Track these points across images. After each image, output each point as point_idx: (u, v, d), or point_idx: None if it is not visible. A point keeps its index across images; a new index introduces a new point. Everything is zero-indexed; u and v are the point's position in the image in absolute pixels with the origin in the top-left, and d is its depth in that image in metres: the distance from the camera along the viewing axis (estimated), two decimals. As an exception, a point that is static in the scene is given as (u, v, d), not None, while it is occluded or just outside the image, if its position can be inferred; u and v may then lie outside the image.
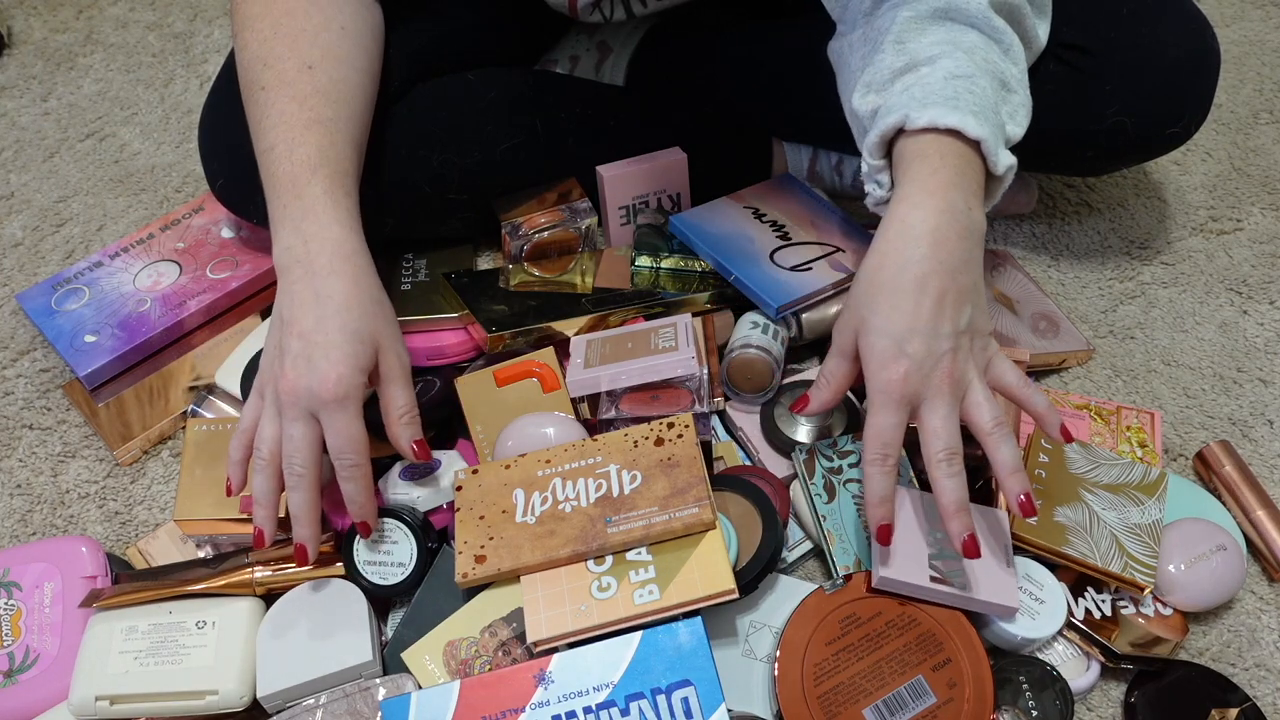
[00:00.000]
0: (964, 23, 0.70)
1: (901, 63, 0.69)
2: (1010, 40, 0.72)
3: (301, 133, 0.71)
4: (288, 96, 0.72)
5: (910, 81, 0.68)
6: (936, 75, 0.67)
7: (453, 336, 0.88)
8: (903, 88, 0.69)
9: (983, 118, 0.66)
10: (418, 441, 0.70)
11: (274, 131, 0.71)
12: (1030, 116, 0.73)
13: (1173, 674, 0.71)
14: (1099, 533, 0.73)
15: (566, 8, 0.93)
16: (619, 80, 1.06)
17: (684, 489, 0.69)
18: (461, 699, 0.61)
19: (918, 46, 0.69)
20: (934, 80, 0.67)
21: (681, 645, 0.62)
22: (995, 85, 0.69)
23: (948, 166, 0.66)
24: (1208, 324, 0.96)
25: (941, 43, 0.69)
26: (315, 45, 0.74)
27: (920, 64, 0.69)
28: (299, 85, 0.72)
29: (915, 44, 0.70)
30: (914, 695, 0.66)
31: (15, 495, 0.85)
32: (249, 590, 0.71)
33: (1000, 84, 0.70)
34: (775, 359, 0.82)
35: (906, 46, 0.70)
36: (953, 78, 0.67)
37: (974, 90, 0.67)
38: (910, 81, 0.68)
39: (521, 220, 0.93)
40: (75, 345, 0.88)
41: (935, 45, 0.69)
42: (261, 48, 0.74)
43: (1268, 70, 1.21)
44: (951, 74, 0.67)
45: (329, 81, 0.73)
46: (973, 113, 0.66)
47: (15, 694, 0.69)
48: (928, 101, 0.66)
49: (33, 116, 1.18)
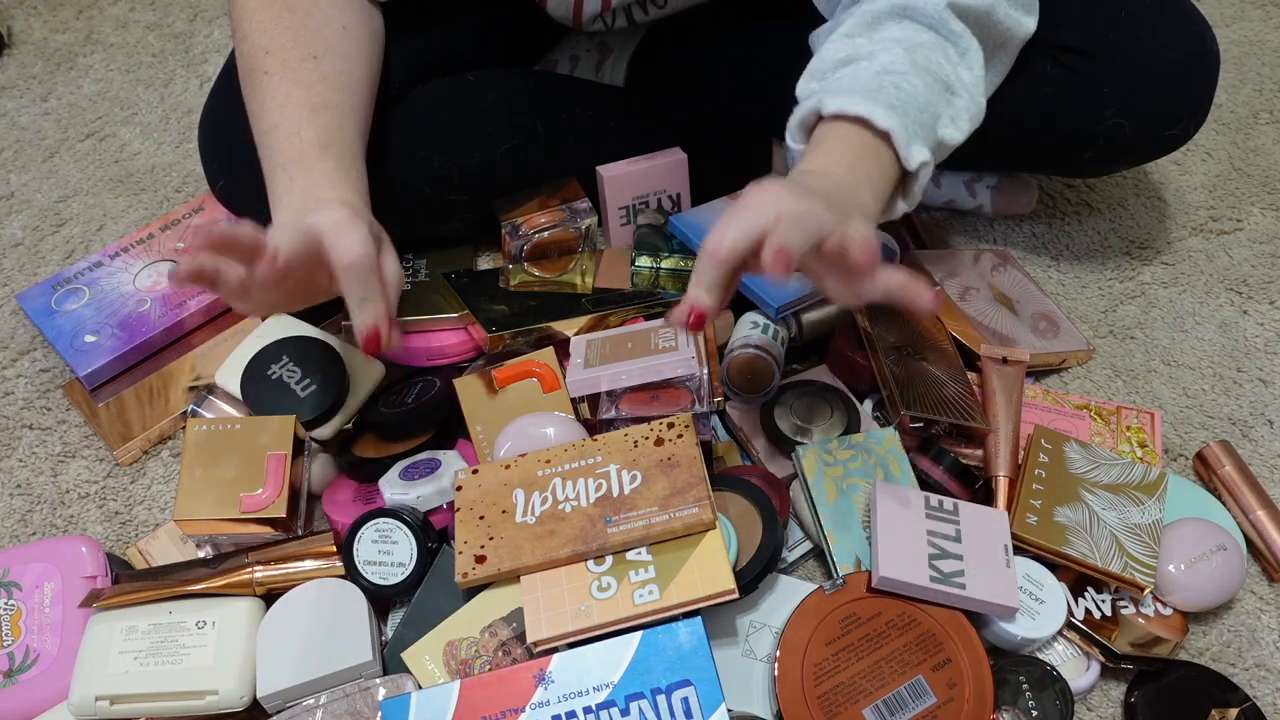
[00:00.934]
0: (921, 22, 0.71)
1: (844, 54, 0.70)
2: (967, 44, 0.72)
3: (309, 114, 0.69)
4: (293, 81, 0.71)
5: (845, 73, 0.69)
6: (870, 69, 0.68)
7: (453, 336, 0.88)
8: (836, 78, 0.69)
9: (899, 111, 0.66)
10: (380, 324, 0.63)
11: (279, 112, 0.70)
12: (976, 122, 0.73)
13: (1173, 674, 0.71)
14: (1099, 533, 0.73)
15: (570, 20, 0.93)
16: (619, 80, 1.06)
17: (684, 489, 0.69)
18: (461, 699, 0.61)
19: (864, 41, 0.70)
20: (864, 74, 0.68)
21: (681, 645, 0.62)
22: (933, 85, 0.69)
23: (847, 149, 0.66)
24: (1208, 324, 0.96)
25: (887, 40, 0.70)
26: (319, 39, 0.74)
27: (860, 58, 0.69)
28: (304, 72, 0.71)
29: (863, 38, 0.70)
30: (914, 695, 0.66)
31: (15, 495, 0.85)
32: (249, 590, 0.72)
33: (943, 86, 0.70)
34: (775, 359, 0.82)
35: (854, 40, 0.70)
36: (884, 73, 0.68)
37: (901, 86, 0.67)
38: (845, 73, 0.69)
39: (521, 220, 0.93)
40: (75, 345, 0.88)
41: (880, 41, 0.70)
42: (263, 36, 0.73)
43: (1268, 70, 1.21)
44: (884, 69, 0.68)
45: (335, 72, 0.73)
46: (887, 105, 0.65)
47: (15, 694, 0.69)
48: (846, 90, 0.67)
49: (33, 116, 1.18)
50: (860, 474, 0.77)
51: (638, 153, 0.95)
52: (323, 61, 0.72)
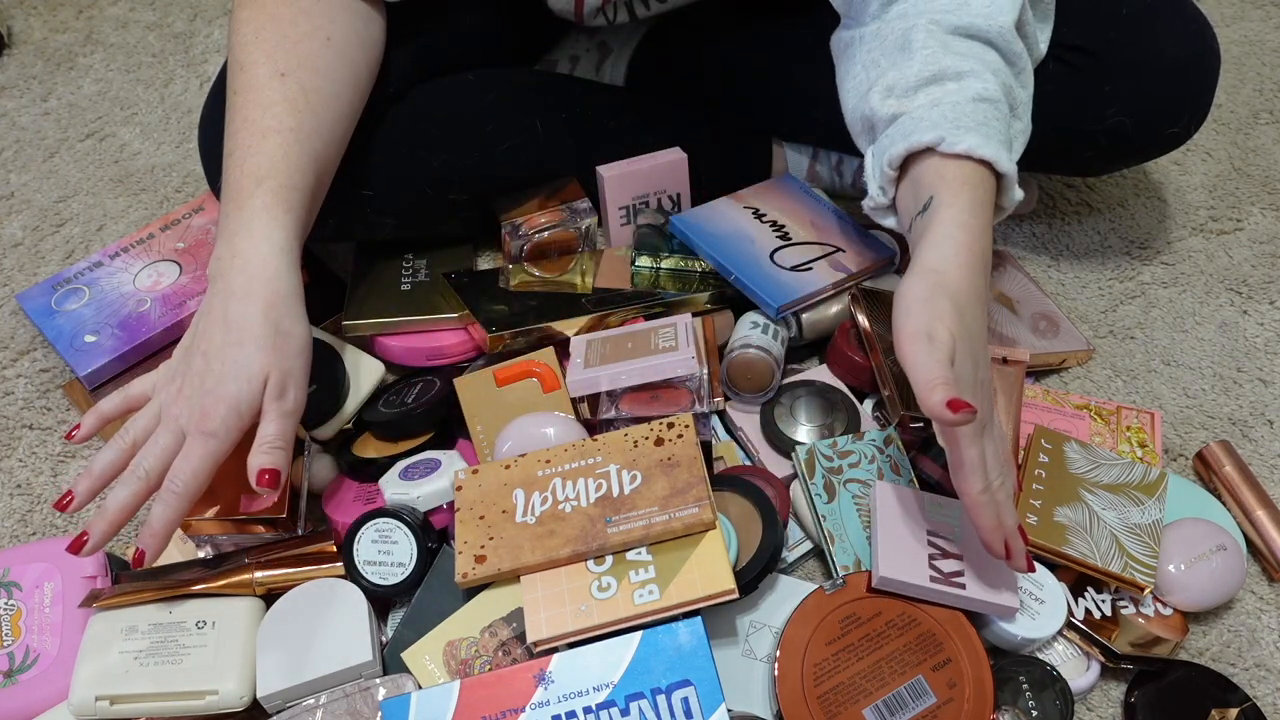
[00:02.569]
0: (984, 41, 0.70)
1: (929, 72, 0.69)
2: (1025, 64, 0.71)
3: (258, 141, 0.71)
4: (253, 102, 0.72)
5: (937, 95, 0.68)
6: (965, 95, 0.67)
7: (453, 336, 0.88)
8: (929, 101, 0.68)
9: (1007, 148, 0.66)
10: (268, 470, 0.65)
11: (235, 137, 0.71)
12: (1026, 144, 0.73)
13: (1173, 674, 0.71)
14: (1099, 533, 0.73)
15: (572, 14, 0.93)
16: (619, 80, 1.06)
17: (684, 489, 0.69)
18: (461, 699, 0.61)
19: (945, 58, 0.68)
20: (962, 100, 0.67)
21: (681, 645, 0.62)
22: (1010, 112, 0.69)
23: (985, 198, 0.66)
24: (1208, 324, 0.96)
25: (969, 57, 0.68)
26: (293, 54, 0.73)
27: (947, 78, 0.68)
28: (266, 92, 0.72)
29: (942, 55, 0.69)
30: (914, 695, 0.66)
31: (15, 495, 0.85)
32: (249, 590, 0.72)
33: (1010, 109, 0.70)
34: (775, 359, 0.82)
35: (934, 56, 0.69)
36: (980, 100, 0.67)
37: (999, 117, 0.67)
38: (937, 95, 0.68)
39: (521, 220, 0.93)
40: (75, 345, 0.88)
41: (963, 60, 0.68)
42: (241, 52, 0.74)
43: (1268, 70, 1.21)
44: (980, 96, 0.67)
45: (299, 90, 0.73)
46: (1002, 144, 0.66)
47: (15, 694, 0.69)
48: (962, 125, 0.65)
49: (33, 116, 1.18)
50: (860, 474, 0.77)
51: (638, 153, 0.95)
52: (289, 80, 0.73)
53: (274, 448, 0.66)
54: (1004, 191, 0.68)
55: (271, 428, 0.67)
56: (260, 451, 0.66)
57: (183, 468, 0.65)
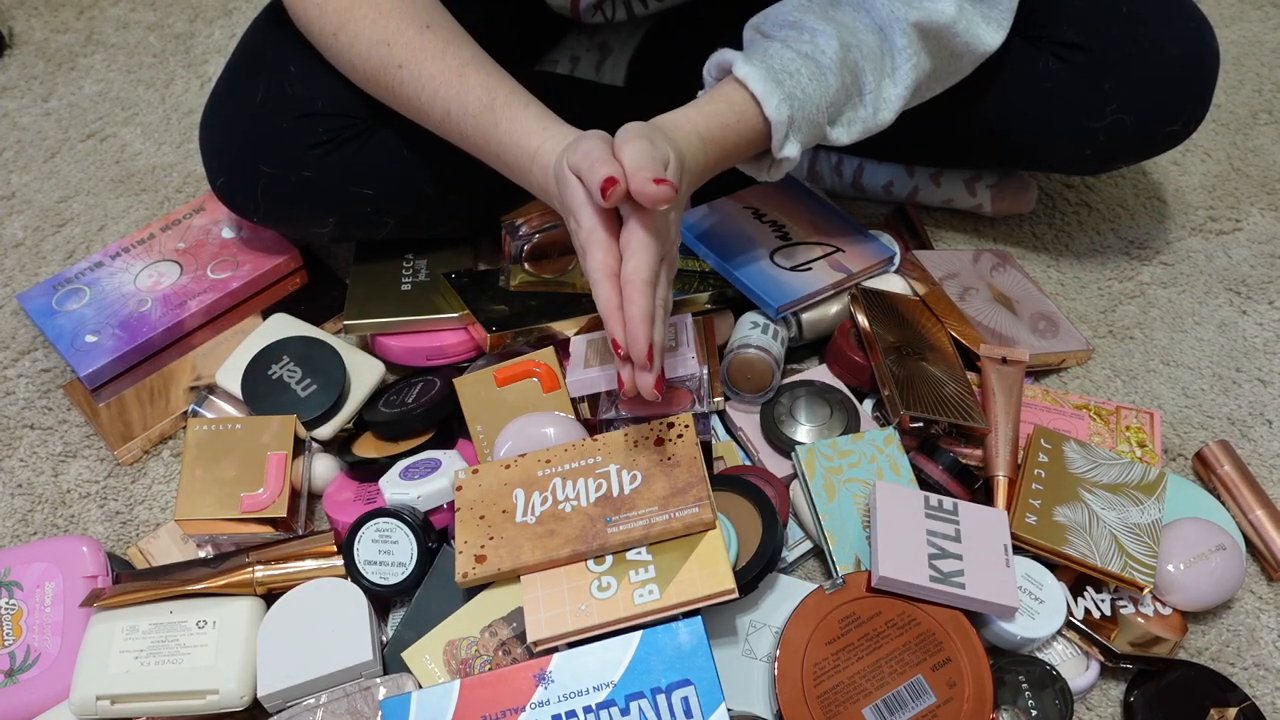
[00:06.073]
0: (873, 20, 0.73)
1: (793, 18, 0.72)
2: (903, 61, 0.74)
3: (459, 84, 0.71)
4: (427, 58, 0.72)
5: (778, 39, 0.72)
6: (798, 49, 0.71)
7: (453, 336, 0.88)
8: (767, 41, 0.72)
9: (795, 104, 0.69)
10: None
11: (437, 97, 0.72)
12: (869, 133, 0.75)
13: (1172, 673, 0.71)
14: (1099, 532, 0.73)
15: (568, 9, 0.93)
16: (619, 80, 1.06)
17: (684, 489, 0.69)
18: (461, 699, 0.61)
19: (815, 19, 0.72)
20: (789, 52, 0.70)
21: (681, 645, 0.62)
22: (849, 87, 0.72)
23: (729, 113, 0.69)
24: (1207, 324, 0.96)
25: (835, 25, 0.72)
26: (422, 10, 0.74)
27: (802, 28, 0.72)
28: (430, 46, 0.72)
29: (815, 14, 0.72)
30: (914, 695, 0.66)
31: (16, 495, 0.85)
32: (249, 590, 0.72)
33: (857, 90, 0.73)
34: (775, 359, 0.82)
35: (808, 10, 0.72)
36: (807, 59, 0.70)
37: (815, 78, 0.70)
38: (778, 39, 0.72)
39: (521, 220, 0.93)
40: (76, 345, 0.89)
41: (828, 22, 0.72)
42: (374, 31, 0.73)
43: (1267, 70, 1.22)
44: (810, 55, 0.71)
45: (452, 33, 0.74)
46: (787, 96, 0.69)
47: (16, 693, 0.69)
48: (761, 62, 0.70)
49: (34, 117, 1.19)
50: (860, 474, 0.77)
51: (638, 153, 0.95)
52: (436, 28, 0.73)
53: None
54: (772, 139, 0.71)
55: None
56: None
57: None
